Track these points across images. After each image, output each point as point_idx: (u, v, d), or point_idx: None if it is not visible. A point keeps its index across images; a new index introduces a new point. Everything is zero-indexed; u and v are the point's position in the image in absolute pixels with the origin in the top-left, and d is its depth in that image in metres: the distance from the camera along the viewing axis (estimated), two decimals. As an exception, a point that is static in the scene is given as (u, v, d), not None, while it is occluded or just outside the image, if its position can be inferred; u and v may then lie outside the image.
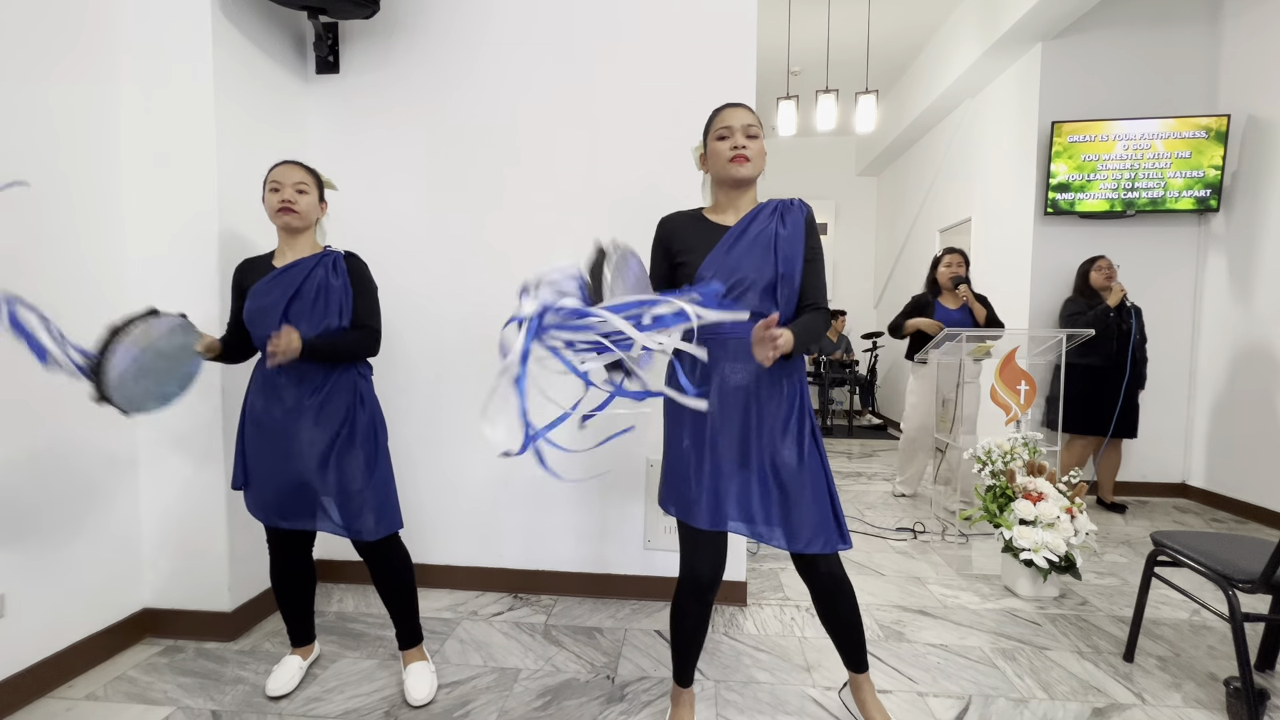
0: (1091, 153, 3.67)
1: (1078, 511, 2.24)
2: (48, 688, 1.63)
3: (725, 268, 1.33)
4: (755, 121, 1.36)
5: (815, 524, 1.31)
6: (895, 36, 4.92)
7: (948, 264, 3.30)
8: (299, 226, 1.58)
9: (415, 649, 1.72)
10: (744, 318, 1.19)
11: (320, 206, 1.64)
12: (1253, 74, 3.45)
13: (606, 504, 2.27)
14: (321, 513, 1.58)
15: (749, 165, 1.34)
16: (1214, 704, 1.63)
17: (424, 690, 1.62)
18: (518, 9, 2.22)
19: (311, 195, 1.59)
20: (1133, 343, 3.30)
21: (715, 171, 1.40)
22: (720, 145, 1.36)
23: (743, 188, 1.39)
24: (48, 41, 1.64)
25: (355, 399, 1.60)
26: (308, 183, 1.58)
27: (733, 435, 1.34)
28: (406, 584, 1.68)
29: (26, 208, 1.58)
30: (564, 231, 2.24)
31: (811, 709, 1.61)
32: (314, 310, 1.54)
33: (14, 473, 1.56)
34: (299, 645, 1.74)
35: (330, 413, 1.56)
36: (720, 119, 1.37)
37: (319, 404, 1.55)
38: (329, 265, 1.58)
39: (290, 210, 1.54)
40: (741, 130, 1.34)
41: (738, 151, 1.33)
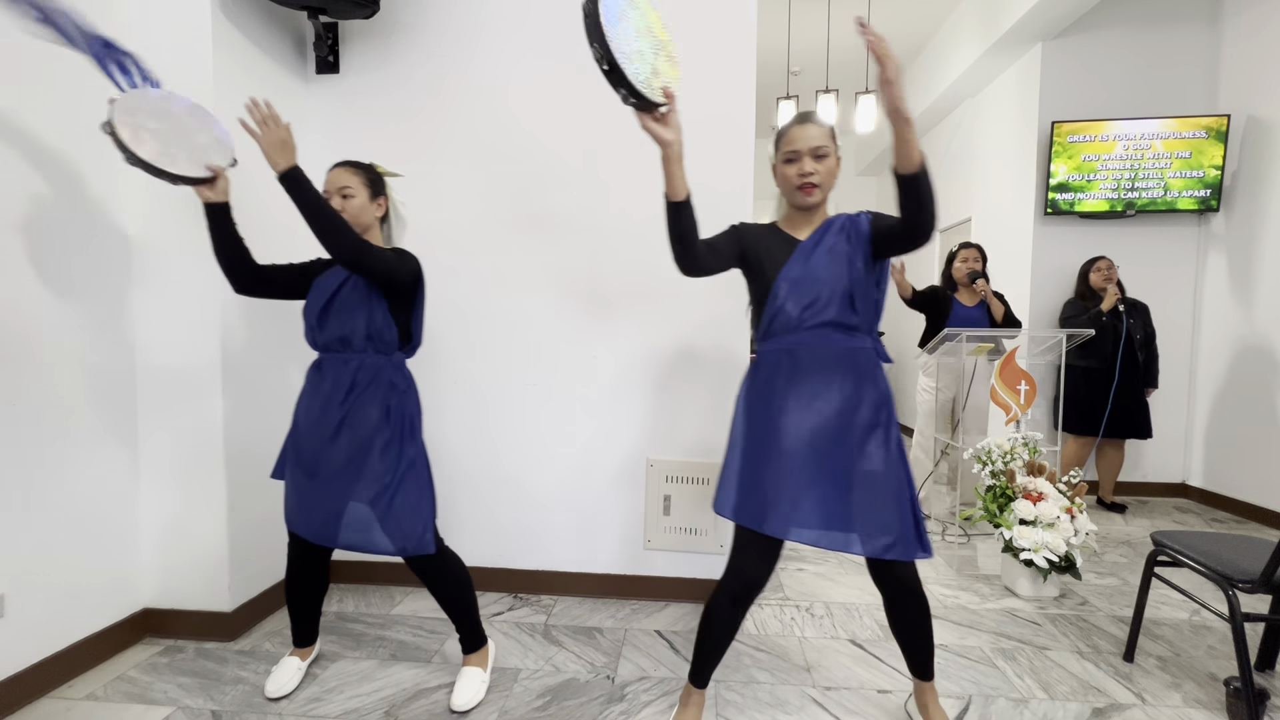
0: (1091, 153, 3.67)
1: (1078, 511, 2.24)
2: (48, 688, 1.63)
3: (804, 279, 1.33)
4: (825, 139, 1.32)
5: (896, 530, 1.28)
6: (895, 36, 4.92)
7: (964, 259, 3.20)
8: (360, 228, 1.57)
9: (475, 654, 1.69)
10: None
11: (377, 203, 1.60)
12: (1253, 74, 3.45)
13: (607, 504, 2.27)
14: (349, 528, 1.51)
15: (817, 193, 1.34)
16: (1214, 704, 1.63)
17: (462, 697, 1.58)
18: (517, 9, 2.22)
19: (359, 197, 1.55)
20: (1134, 342, 3.29)
21: (785, 195, 1.40)
22: (788, 170, 1.35)
23: (812, 210, 1.39)
24: (46, 41, 1.63)
25: (385, 408, 1.54)
26: (353, 185, 1.55)
27: (812, 441, 1.31)
28: (458, 594, 1.64)
29: (26, 207, 1.58)
30: (564, 232, 2.24)
31: (811, 709, 1.61)
32: (345, 309, 1.52)
33: (14, 472, 1.56)
34: (301, 646, 1.74)
35: (356, 419, 1.51)
36: (788, 140, 1.34)
37: (344, 407, 1.51)
38: None
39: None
40: (810, 153, 1.32)
41: (805, 180, 1.32)
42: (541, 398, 2.27)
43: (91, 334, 1.75)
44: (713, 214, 2.18)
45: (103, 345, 1.79)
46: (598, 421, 2.26)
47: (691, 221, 1.31)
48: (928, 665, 1.44)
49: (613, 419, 2.25)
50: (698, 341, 2.22)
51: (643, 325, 2.23)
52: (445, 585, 1.63)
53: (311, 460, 1.53)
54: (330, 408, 1.52)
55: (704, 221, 2.17)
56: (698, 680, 1.47)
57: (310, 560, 1.65)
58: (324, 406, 1.53)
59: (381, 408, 1.53)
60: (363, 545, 1.52)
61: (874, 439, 1.31)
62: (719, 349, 2.20)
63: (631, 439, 2.25)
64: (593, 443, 2.27)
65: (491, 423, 2.29)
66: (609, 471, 2.26)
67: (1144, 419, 3.39)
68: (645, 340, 2.23)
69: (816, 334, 1.33)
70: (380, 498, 1.50)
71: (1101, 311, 3.29)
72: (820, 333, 1.33)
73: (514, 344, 2.27)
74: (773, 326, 1.37)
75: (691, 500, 2.22)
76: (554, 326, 2.25)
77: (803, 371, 1.33)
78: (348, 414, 1.51)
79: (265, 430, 2.07)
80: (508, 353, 2.28)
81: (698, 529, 2.22)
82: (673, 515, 2.23)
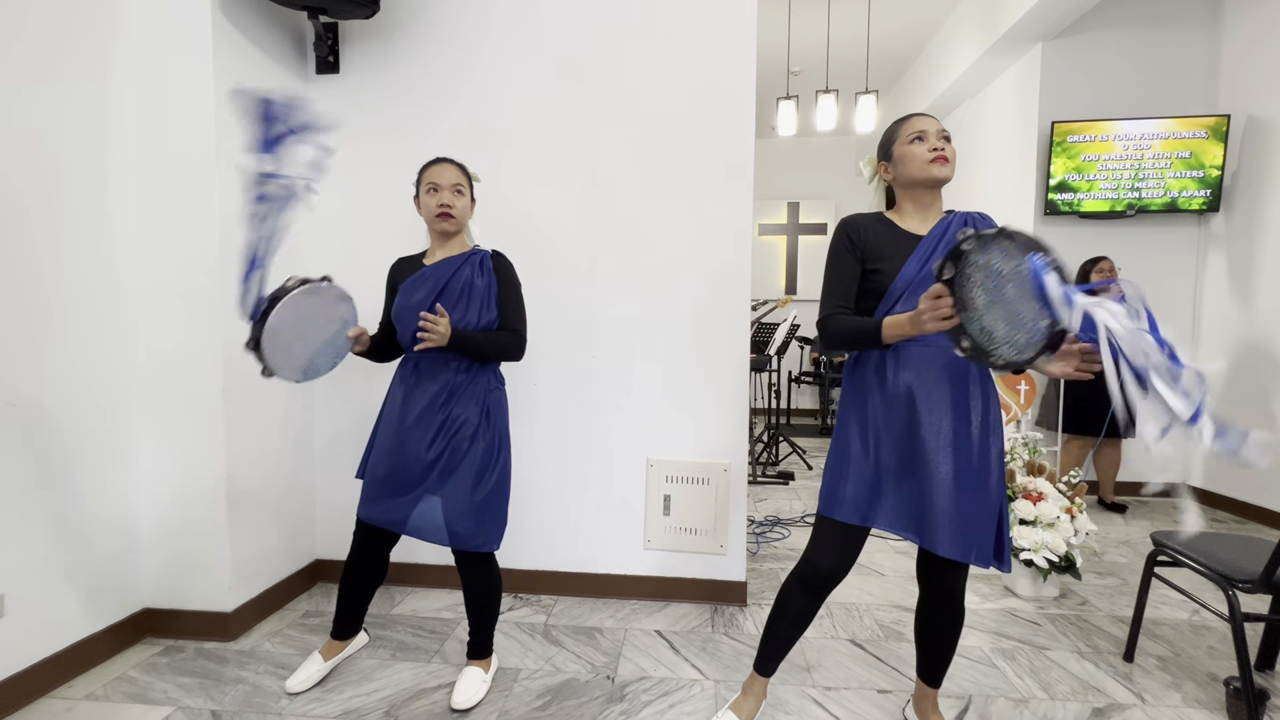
0: (1091, 153, 3.67)
1: (1078, 511, 2.24)
2: (48, 688, 1.63)
3: (926, 282, 1.27)
4: (945, 128, 1.35)
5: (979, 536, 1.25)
6: (895, 36, 4.92)
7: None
8: (455, 231, 1.58)
9: (483, 660, 1.70)
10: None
11: (471, 206, 1.63)
12: (1253, 74, 3.45)
13: (607, 504, 2.27)
14: (421, 515, 1.54)
15: (949, 166, 1.33)
16: (1214, 704, 1.63)
17: (462, 696, 1.59)
18: (518, 9, 2.22)
19: (467, 196, 1.58)
20: None
21: (912, 173, 1.34)
22: (917, 148, 1.32)
23: (938, 190, 1.38)
24: (46, 41, 1.64)
25: (483, 409, 1.57)
26: (463, 183, 1.57)
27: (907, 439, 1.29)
28: (488, 602, 1.65)
29: (25, 207, 1.58)
30: (564, 232, 2.24)
31: (811, 709, 1.61)
32: (457, 308, 1.54)
33: (14, 472, 1.56)
34: (340, 638, 1.73)
35: (456, 417, 1.54)
36: (911, 125, 1.34)
37: (446, 408, 1.54)
38: (475, 264, 1.57)
39: (448, 215, 1.54)
40: (936, 134, 1.32)
41: (938, 152, 1.31)
42: (542, 398, 2.27)
43: (91, 334, 1.75)
44: (712, 213, 2.19)
45: (103, 345, 1.79)
46: (598, 421, 2.26)
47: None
48: (940, 674, 1.44)
49: (613, 419, 2.25)
50: (698, 341, 2.22)
51: (643, 325, 2.23)
52: (490, 586, 1.64)
53: (409, 457, 1.54)
54: (433, 409, 1.54)
55: (704, 220, 2.19)
56: (764, 668, 1.47)
57: (375, 550, 1.66)
58: (427, 407, 1.54)
59: (480, 408, 1.57)
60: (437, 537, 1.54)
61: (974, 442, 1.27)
62: (720, 349, 2.20)
63: (631, 439, 2.25)
64: (593, 443, 2.27)
65: (491, 423, 2.29)
66: (609, 471, 2.26)
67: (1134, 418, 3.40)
68: (645, 340, 2.23)
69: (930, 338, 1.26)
70: (476, 492, 1.53)
71: None
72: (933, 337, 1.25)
73: (514, 344, 2.27)
74: None
75: (691, 500, 2.22)
76: (554, 326, 2.25)
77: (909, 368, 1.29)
78: (451, 415, 1.54)
79: (265, 430, 2.07)
80: (508, 353, 2.28)
81: (698, 529, 2.22)
82: (673, 515, 2.23)
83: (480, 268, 1.58)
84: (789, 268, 6.78)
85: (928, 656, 1.44)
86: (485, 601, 1.65)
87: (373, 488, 1.58)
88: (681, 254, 2.20)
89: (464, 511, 1.52)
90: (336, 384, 2.28)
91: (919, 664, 1.47)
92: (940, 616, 1.39)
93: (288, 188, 1.31)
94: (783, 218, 6.76)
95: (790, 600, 1.40)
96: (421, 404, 1.55)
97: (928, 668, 1.45)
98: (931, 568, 1.36)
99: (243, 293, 1.32)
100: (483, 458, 1.55)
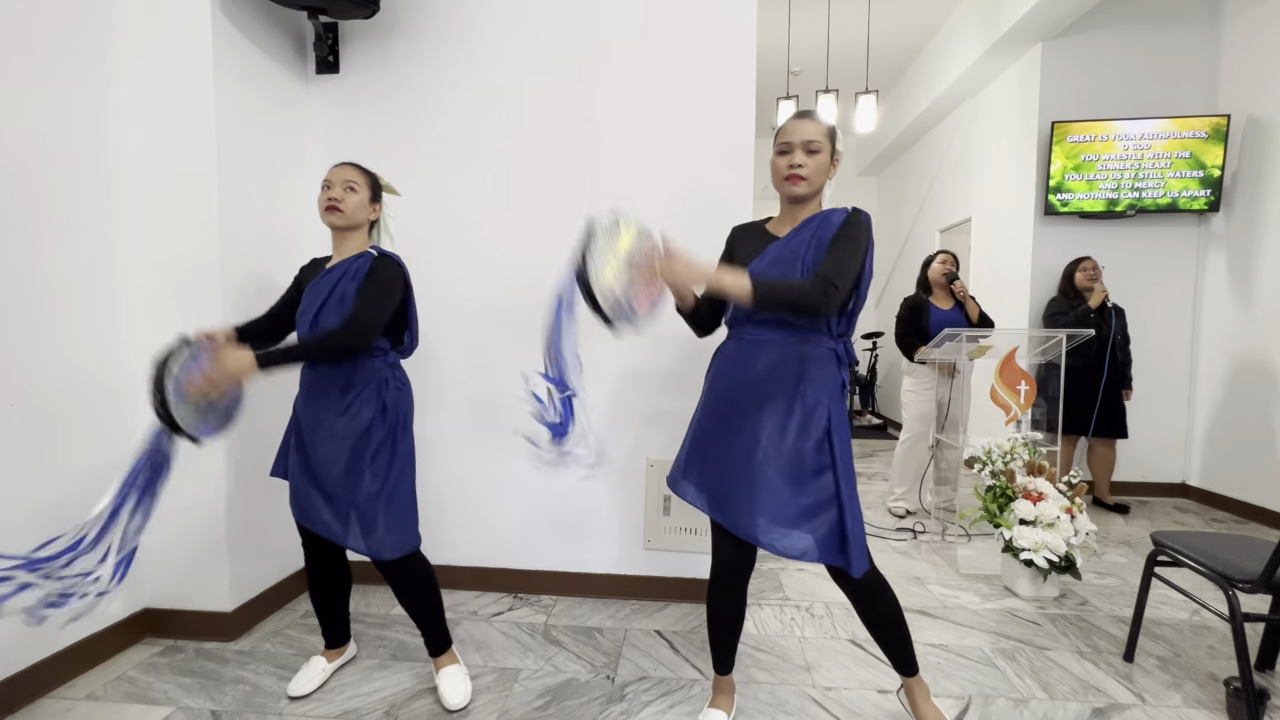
0: (1091, 153, 3.67)
1: (1078, 511, 2.24)
2: (48, 688, 1.63)
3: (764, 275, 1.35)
4: (819, 135, 1.34)
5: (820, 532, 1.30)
6: (895, 36, 4.92)
7: (942, 260, 3.27)
8: (343, 226, 1.57)
9: (445, 654, 1.68)
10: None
11: (373, 208, 1.62)
12: (1253, 74, 3.45)
13: (607, 504, 2.27)
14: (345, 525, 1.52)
15: (803, 185, 1.36)
16: (1214, 704, 1.63)
17: (459, 694, 1.58)
18: (517, 9, 2.22)
19: (361, 194, 1.57)
20: (1113, 344, 3.31)
21: (774, 185, 1.41)
22: (779, 161, 1.38)
23: (801, 203, 1.41)
24: (46, 41, 1.64)
25: (379, 408, 1.55)
26: (358, 181, 1.56)
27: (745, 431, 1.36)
28: (428, 596, 1.63)
29: (24, 208, 1.58)
30: (565, 232, 2.24)
31: (811, 709, 1.61)
32: (337, 314, 1.52)
33: (14, 472, 1.56)
34: (331, 647, 1.73)
35: (352, 419, 1.52)
36: (783, 133, 1.38)
37: (344, 409, 1.53)
38: (354, 270, 1.54)
39: (335, 209, 1.54)
40: (801, 146, 1.34)
41: (793, 171, 1.35)
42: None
43: (91, 334, 1.75)
44: (713, 213, 2.19)
45: (103, 345, 1.79)
46: (598, 421, 2.26)
47: (702, 309, 1.48)
48: (908, 660, 1.44)
49: (613, 419, 2.25)
50: (698, 341, 2.21)
51: (643, 325, 2.22)
52: (419, 582, 1.61)
53: (312, 460, 1.54)
54: (330, 409, 1.53)
55: (704, 222, 2.19)
56: (719, 667, 1.52)
57: (325, 556, 1.65)
58: (323, 409, 1.53)
59: (376, 405, 1.54)
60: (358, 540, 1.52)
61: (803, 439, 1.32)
62: (719, 349, 2.20)
63: (631, 439, 2.25)
64: (593, 443, 2.26)
65: (491, 423, 2.29)
66: (609, 471, 2.26)
67: (1121, 419, 3.43)
68: (645, 340, 2.23)
69: (763, 328, 1.38)
70: (377, 499, 1.51)
71: (1089, 309, 3.31)
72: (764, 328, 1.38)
73: (514, 344, 2.27)
74: (732, 316, 1.46)
75: (691, 500, 2.22)
76: (554, 326, 2.25)
77: (746, 363, 1.37)
78: (345, 415, 1.52)
79: (265, 430, 2.06)
80: (508, 353, 2.27)
81: (698, 529, 2.22)
82: (673, 515, 2.23)
83: (356, 274, 1.54)
84: (789, 268, 6.76)
85: (886, 646, 1.44)
86: (423, 598, 1.62)
87: (300, 494, 1.56)
88: (681, 254, 2.19)
89: (377, 521, 1.51)
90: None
91: (888, 659, 1.47)
92: (873, 603, 1.40)
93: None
94: (783, 218, 6.74)
95: (716, 604, 1.45)
96: (320, 405, 1.54)
97: (893, 658, 1.45)
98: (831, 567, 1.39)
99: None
100: (385, 461, 1.54)
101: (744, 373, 1.38)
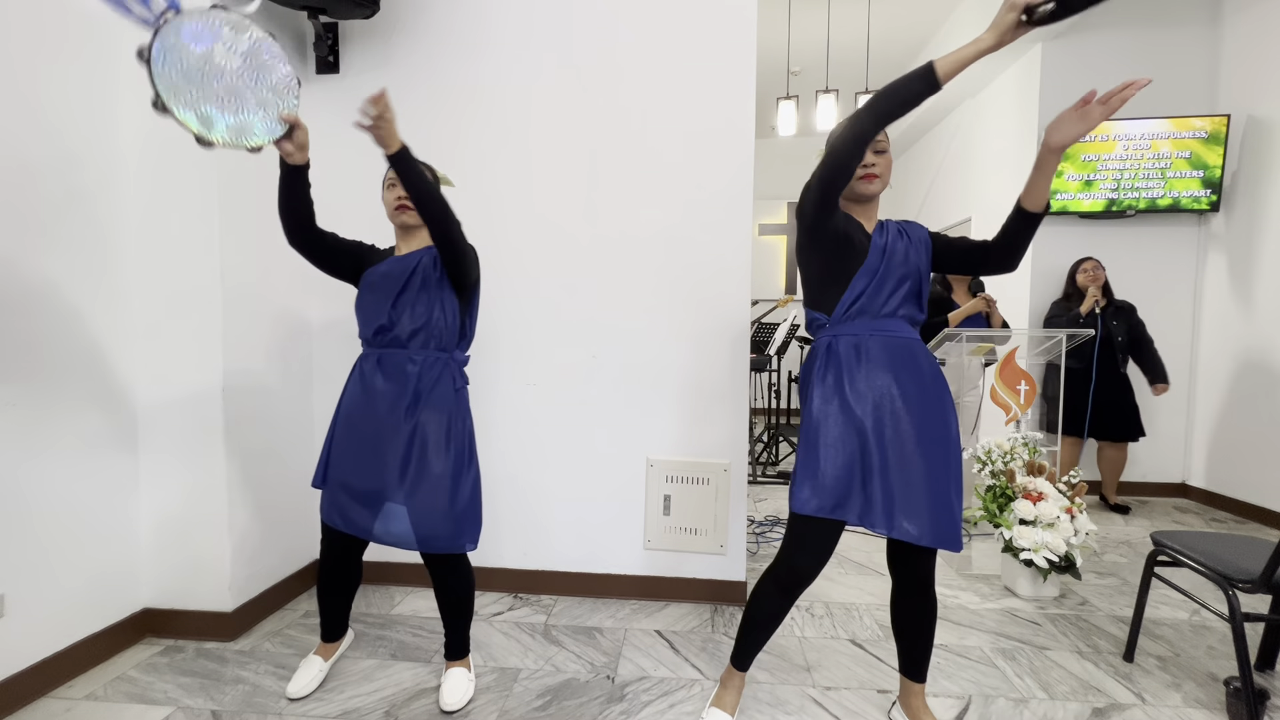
0: (1091, 153, 3.67)
1: (1078, 511, 2.24)
2: (48, 688, 1.63)
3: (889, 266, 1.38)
4: (884, 136, 1.37)
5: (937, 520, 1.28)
6: (895, 36, 4.92)
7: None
8: (415, 224, 1.57)
9: (461, 660, 1.69)
10: None
11: None
12: (1253, 74, 3.45)
13: (606, 504, 2.27)
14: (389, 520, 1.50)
15: (878, 182, 1.39)
16: (1214, 704, 1.63)
17: (454, 697, 1.59)
18: (518, 10, 2.22)
19: None
20: (1114, 344, 3.31)
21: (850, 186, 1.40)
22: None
23: (871, 201, 1.43)
24: (46, 42, 1.64)
25: (450, 413, 1.54)
26: None
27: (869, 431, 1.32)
28: (464, 601, 1.65)
29: (23, 208, 1.58)
30: (565, 232, 2.24)
31: (811, 709, 1.61)
32: (418, 301, 1.52)
33: (14, 472, 1.56)
34: (330, 640, 1.73)
35: (424, 424, 1.51)
36: None
37: (413, 415, 1.50)
38: (433, 257, 1.55)
39: (407, 208, 1.53)
40: (870, 147, 1.35)
41: (868, 170, 1.37)
42: (542, 398, 2.27)
43: (91, 335, 1.75)
44: (712, 213, 2.19)
45: (103, 346, 1.79)
46: (598, 421, 2.26)
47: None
48: (924, 667, 1.45)
49: (613, 419, 2.25)
50: (698, 341, 2.22)
51: (643, 325, 2.23)
52: (466, 585, 1.64)
53: (379, 466, 1.50)
54: (398, 410, 1.50)
55: (704, 221, 2.19)
56: (739, 662, 1.50)
57: (347, 556, 1.64)
58: (390, 408, 1.50)
59: (447, 414, 1.53)
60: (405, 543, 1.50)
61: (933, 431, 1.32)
62: (720, 348, 2.20)
63: (631, 439, 2.25)
64: (593, 442, 2.27)
65: (492, 423, 2.29)
66: (609, 471, 2.26)
67: (1133, 420, 3.39)
68: (645, 340, 2.23)
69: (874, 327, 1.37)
70: (456, 501, 1.51)
71: (1080, 314, 3.30)
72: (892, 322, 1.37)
73: (514, 344, 2.27)
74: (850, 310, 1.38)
75: (691, 500, 2.22)
76: (554, 326, 2.25)
77: (863, 364, 1.35)
78: (419, 421, 1.50)
79: (265, 430, 2.07)
80: (508, 353, 2.28)
81: (698, 529, 2.22)
82: (673, 515, 2.23)
83: (435, 262, 1.55)
84: (789, 268, 6.78)
85: (909, 650, 1.45)
86: (462, 601, 1.64)
87: (340, 494, 1.53)
88: (682, 254, 2.20)
89: (442, 518, 1.49)
90: (338, 381, 2.27)
91: (901, 660, 1.47)
92: (916, 606, 1.40)
93: None
94: (783, 218, 6.76)
95: (766, 603, 1.42)
96: (385, 408, 1.50)
97: (911, 662, 1.45)
98: (901, 555, 1.39)
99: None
100: (455, 466, 1.52)
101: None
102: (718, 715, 1.48)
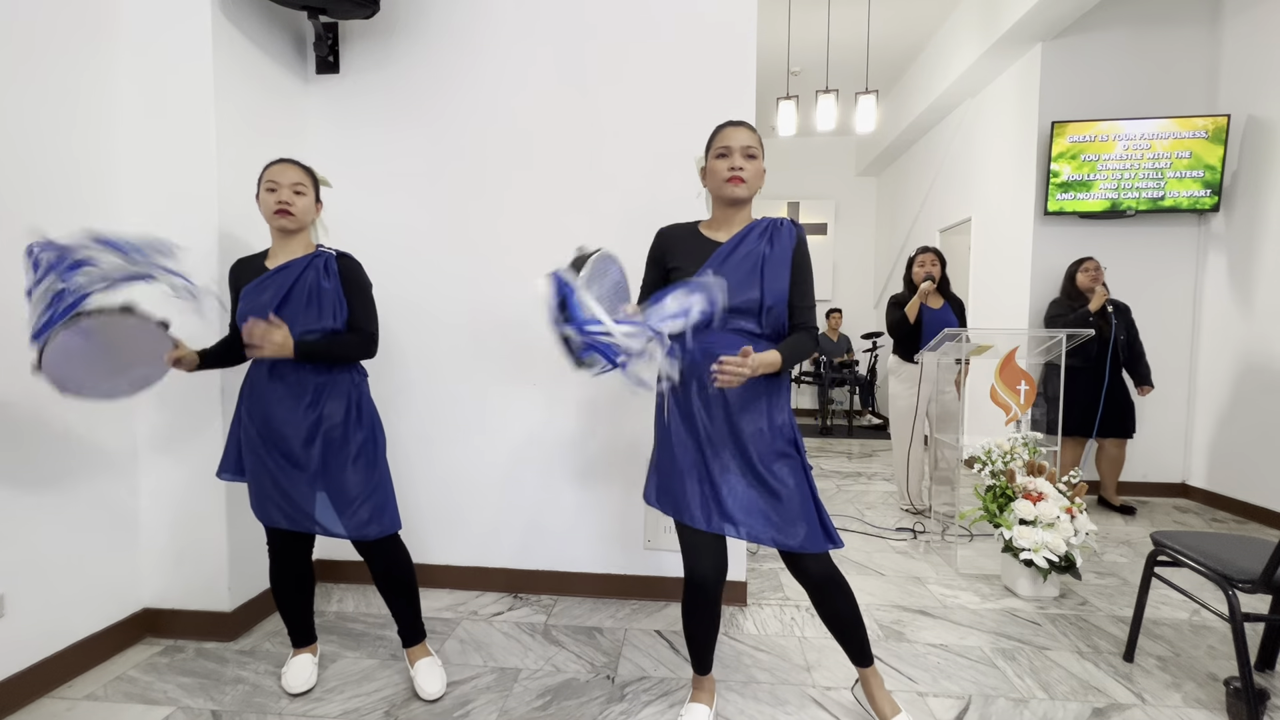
0: (1092, 153, 3.67)
1: (1078, 511, 2.24)
2: (48, 688, 1.63)
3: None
4: (754, 142, 1.40)
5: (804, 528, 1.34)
6: (895, 36, 4.92)
7: (920, 263, 3.23)
8: (295, 229, 1.57)
9: (419, 645, 1.72)
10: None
11: (316, 207, 1.61)
12: (1253, 74, 3.45)
13: (607, 504, 2.27)
14: (320, 515, 1.56)
15: (743, 186, 1.39)
16: (1214, 704, 1.63)
17: (436, 684, 1.63)
18: (518, 10, 2.22)
19: (308, 196, 1.57)
20: (1118, 343, 3.31)
21: (712, 189, 1.44)
22: (718, 164, 1.40)
23: (737, 206, 1.44)
24: (46, 41, 1.64)
25: (352, 402, 1.59)
26: (305, 183, 1.55)
27: (724, 441, 1.38)
28: (408, 583, 1.67)
29: (24, 208, 1.58)
30: (565, 233, 2.24)
31: (811, 709, 1.61)
32: (306, 313, 1.52)
33: (14, 472, 1.56)
34: (300, 646, 1.74)
35: (328, 416, 1.55)
36: (720, 138, 1.41)
37: (316, 408, 1.54)
38: (320, 267, 1.55)
39: (287, 213, 1.52)
40: (740, 151, 1.38)
41: (734, 173, 1.38)
42: (542, 398, 2.27)
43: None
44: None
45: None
46: (598, 422, 2.26)
47: None
48: (864, 651, 1.46)
49: (613, 419, 2.25)
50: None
51: (643, 325, 2.23)
52: (404, 565, 1.66)
53: (288, 458, 1.54)
54: (300, 409, 1.54)
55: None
56: (698, 668, 1.53)
57: (292, 557, 1.66)
58: (292, 407, 1.54)
59: (348, 403, 1.58)
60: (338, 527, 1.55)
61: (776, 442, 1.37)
62: (719, 349, 2.20)
63: (632, 439, 2.25)
64: (593, 443, 2.27)
65: (492, 423, 2.29)
66: (609, 471, 2.26)
67: (1130, 418, 3.42)
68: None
69: (727, 337, 1.37)
70: (368, 484, 1.57)
71: (1089, 311, 3.30)
72: (730, 337, 1.38)
73: (514, 344, 2.27)
74: None
75: (691, 500, 2.22)
76: (554, 326, 2.25)
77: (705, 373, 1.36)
78: (320, 413, 1.55)
79: (265, 430, 2.06)
80: (508, 353, 2.28)
81: (698, 529, 2.22)
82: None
83: (325, 270, 1.55)
84: (789, 268, 6.76)
85: (844, 639, 1.46)
86: (408, 584, 1.67)
87: (263, 492, 1.56)
88: (681, 254, 2.20)
89: (360, 504, 1.54)
90: (336, 384, 2.28)
91: (844, 650, 1.48)
92: (833, 600, 1.42)
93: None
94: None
95: (693, 612, 1.44)
96: (287, 405, 1.53)
97: (850, 650, 1.47)
98: (794, 562, 1.41)
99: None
100: (364, 451, 1.58)
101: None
102: (697, 709, 1.50)
